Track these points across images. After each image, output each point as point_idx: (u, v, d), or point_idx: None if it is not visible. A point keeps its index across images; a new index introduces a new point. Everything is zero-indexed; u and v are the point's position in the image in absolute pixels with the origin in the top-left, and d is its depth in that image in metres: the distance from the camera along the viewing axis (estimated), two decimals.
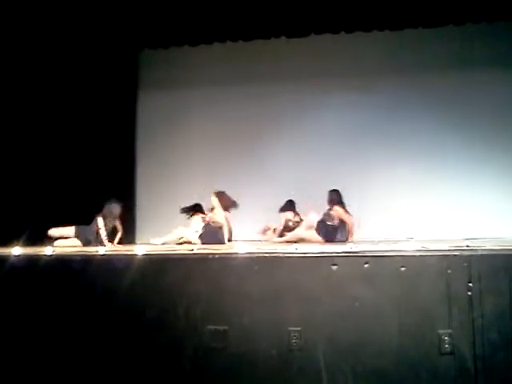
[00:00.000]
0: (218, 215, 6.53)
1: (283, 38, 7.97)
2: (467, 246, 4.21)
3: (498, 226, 7.31)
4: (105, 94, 8.53)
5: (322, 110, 8.38)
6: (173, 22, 7.64)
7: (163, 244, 6.51)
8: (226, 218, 6.60)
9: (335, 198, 6.93)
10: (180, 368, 4.26)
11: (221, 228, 6.49)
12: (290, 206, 7.48)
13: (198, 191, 7.45)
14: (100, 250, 4.90)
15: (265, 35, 8.00)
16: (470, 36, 7.89)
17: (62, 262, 4.66)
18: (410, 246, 4.39)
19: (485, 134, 7.87)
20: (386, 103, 8.17)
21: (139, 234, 8.77)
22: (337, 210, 6.83)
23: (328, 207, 6.98)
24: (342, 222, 6.79)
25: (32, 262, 4.70)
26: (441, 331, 3.96)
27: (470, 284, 3.98)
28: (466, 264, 4.02)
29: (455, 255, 4.09)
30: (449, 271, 4.03)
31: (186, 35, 8.00)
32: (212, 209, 6.68)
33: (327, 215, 6.92)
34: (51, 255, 4.77)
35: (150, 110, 8.94)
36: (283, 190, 8.18)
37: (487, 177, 7.75)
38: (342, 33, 7.82)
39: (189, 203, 7.46)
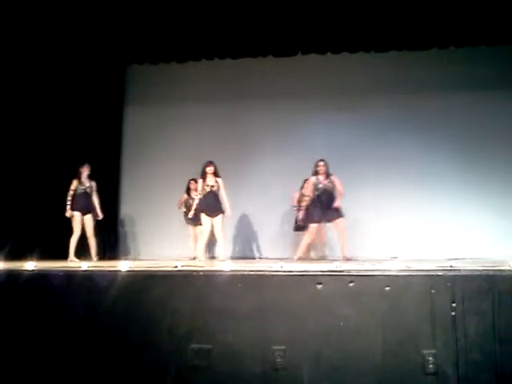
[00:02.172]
0: None
1: (270, 56, 8.04)
2: (451, 267, 4.25)
3: (481, 246, 7.39)
4: (91, 108, 8.51)
5: (308, 130, 8.44)
6: (161, 38, 7.67)
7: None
8: None
9: None
10: None
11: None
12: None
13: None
14: (83, 266, 4.83)
15: (252, 53, 8.07)
16: (454, 59, 8.05)
17: (44, 278, 4.59)
18: (394, 265, 4.41)
19: (469, 155, 7.99)
20: (373, 124, 8.26)
21: (122, 250, 8.70)
22: None
23: None
24: None
25: (13, 277, 4.62)
26: (425, 351, 3.97)
27: (454, 304, 4.00)
28: (449, 284, 4.05)
29: (439, 275, 4.12)
30: (433, 291, 4.05)
31: (174, 51, 8.03)
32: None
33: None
34: (33, 270, 4.70)
35: (136, 124, 8.92)
36: (268, 209, 8.21)
37: (471, 198, 7.86)
38: (329, 53, 7.92)
39: (173, 219, 7.47)
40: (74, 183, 7.15)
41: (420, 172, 7.99)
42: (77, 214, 7.07)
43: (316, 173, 6.88)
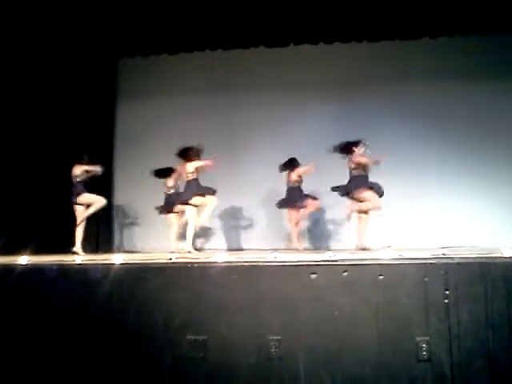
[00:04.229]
0: None
1: (262, 47, 8.01)
2: (444, 255, 4.28)
3: (473, 234, 7.44)
4: (83, 101, 8.46)
5: (300, 121, 8.42)
6: (152, 31, 7.63)
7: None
8: None
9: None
10: (159, 378, 4.22)
11: None
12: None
13: None
14: (77, 259, 4.83)
15: (244, 45, 8.03)
16: (446, 48, 8.05)
17: (38, 272, 4.58)
18: (387, 254, 4.44)
19: (460, 144, 8.02)
20: (365, 114, 8.25)
21: (116, 243, 8.69)
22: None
23: None
24: None
25: (6, 271, 4.61)
26: (418, 338, 4.01)
27: (447, 292, 4.04)
28: (442, 272, 4.09)
29: (432, 263, 4.15)
30: (426, 279, 4.09)
31: (165, 44, 7.99)
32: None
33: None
34: (26, 264, 4.69)
35: (129, 117, 8.87)
36: (260, 202, 8.21)
37: (464, 186, 7.90)
38: (321, 43, 7.90)
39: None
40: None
41: (413, 161, 8.00)
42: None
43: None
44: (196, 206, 6.46)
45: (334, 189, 6.69)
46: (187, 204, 6.46)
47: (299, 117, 8.44)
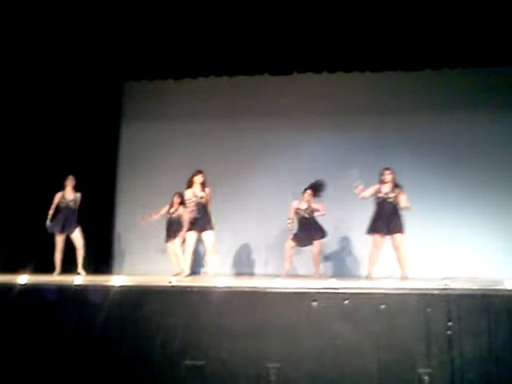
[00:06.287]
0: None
1: (266, 75, 8.11)
2: (446, 285, 4.25)
3: (475, 265, 7.40)
4: (88, 124, 8.52)
5: (302, 148, 8.46)
6: (158, 55, 7.72)
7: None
8: None
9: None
10: None
11: None
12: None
13: None
14: (76, 280, 4.80)
15: (248, 71, 8.13)
16: (447, 80, 8.16)
17: (37, 292, 4.54)
18: (389, 283, 4.41)
19: (460, 174, 8.03)
20: (366, 142, 8.30)
21: (116, 265, 8.64)
22: None
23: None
24: None
25: (4, 291, 4.57)
26: (420, 370, 3.95)
27: (450, 323, 4.00)
28: (444, 303, 4.05)
29: (434, 294, 4.12)
30: (428, 310, 4.05)
31: (171, 68, 8.08)
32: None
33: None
34: (25, 284, 4.65)
35: (133, 141, 8.91)
36: (263, 227, 8.19)
37: (466, 217, 7.88)
38: (325, 72, 8.00)
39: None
40: (58, 197, 7.07)
41: (414, 190, 7.96)
42: (56, 233, 6.98)
43: (381, 182, 6.65)
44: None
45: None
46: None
47: (302, 144, 8.48)
